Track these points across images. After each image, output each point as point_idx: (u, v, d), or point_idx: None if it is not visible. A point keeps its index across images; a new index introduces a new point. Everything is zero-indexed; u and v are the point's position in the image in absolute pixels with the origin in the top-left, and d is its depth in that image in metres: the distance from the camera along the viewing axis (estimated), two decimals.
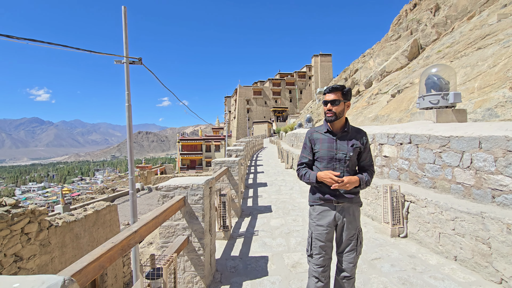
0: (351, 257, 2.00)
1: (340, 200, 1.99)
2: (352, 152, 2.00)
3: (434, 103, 4.93)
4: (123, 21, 5.66)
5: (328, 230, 2.00)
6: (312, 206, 2.12)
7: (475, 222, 2.95)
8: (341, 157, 2.00)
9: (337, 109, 1.99)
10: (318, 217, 2.04)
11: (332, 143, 2.03)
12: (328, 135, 2.06)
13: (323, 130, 2.09)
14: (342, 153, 2.00)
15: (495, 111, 5.65)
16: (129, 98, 5.78)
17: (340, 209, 2.01)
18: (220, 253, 3.64)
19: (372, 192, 4.83)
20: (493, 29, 9.54)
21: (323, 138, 2.07)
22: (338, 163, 2.00)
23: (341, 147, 2.01)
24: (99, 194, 29.07)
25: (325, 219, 2.01)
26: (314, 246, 2.03)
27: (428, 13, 29.76)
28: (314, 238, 2.03)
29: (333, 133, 2.05)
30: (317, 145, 2.07)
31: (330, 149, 2.02)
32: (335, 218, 2.01)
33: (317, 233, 2.02)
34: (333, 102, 1.98)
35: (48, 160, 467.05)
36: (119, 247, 1.62)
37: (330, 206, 2.02)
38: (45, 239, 5.21)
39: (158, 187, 2.77)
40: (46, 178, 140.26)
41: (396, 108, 10.14)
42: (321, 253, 2.00)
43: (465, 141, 3.42)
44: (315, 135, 2.12)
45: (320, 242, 2.00)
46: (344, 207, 2.02)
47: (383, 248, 3.61)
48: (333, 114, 1.99)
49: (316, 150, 2.07)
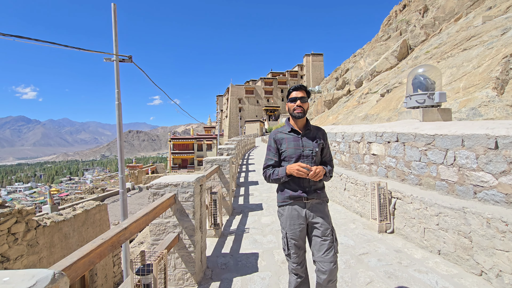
0: (330, 255, 1.94)
1: (310, 196, 2.02)
2: (317, 148, 2.08)
3: (421, 102, 5.06)
4: (113, 18, 5.60)
5: (301, 227, 2.02)
6: (281, 206, 2.11)
7: (457, 217, 3.06)
8: (308, 154, 2.06)
9: (305, 106, 2.08)
10: (289, 216, 2.05)
11: (297, 141, 2.08)
12: (292, 134, 2.11)
13: (287, 130, 2.14)
14: (309, 149, 2.06)
15: (478, 110, 5.83)
16: (119, 96, 5.73)
17: (309, 206, 2.04)
18: (211, 250, 3.66)
19: (360, 189, 4.94)
20: (478, 31, 9.82)
21: (288, 137, 2.11)
22: (306, 160, 2.05)
23: (306, 144, 2.07)
24: (88, 194, 28.59)
25: (296, 217, 2.03)
26: (290, 245, 2.04)
27: (417, 14, 30.31)
28: (289, 238, 2.03)
29: (297, 131, 2.11)
30: (283, 145, 2.10)
31: (296, 147, 2.06)
32: (305, 216, 2.03)
33: (291, 232, 2.03)
34: (302, 99, 2.06)
35: (35, 160, 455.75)
36: (109, 243, 1.63)
37: (300, 204, 2.04)
38: (32, 239, 5.13)
39: (149, 185, 2.78)
40: (33, 178, 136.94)
41: (385, 108, 10.33)
42: (297, 252, 2.03)
43: (449, 139, 3.54)
44: (279, 135, 2.15)
45: (294, 241, 2.02)
46: (313, 203, 2.05)
47: (370, 243, 3.70)
48: (302, 110, 2.05)
49: (282, 149, 2.10)
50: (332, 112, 24.23)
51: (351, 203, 5.27)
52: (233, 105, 73.47)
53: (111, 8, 5.67)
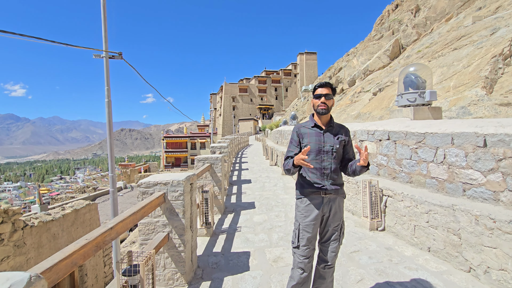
0: (334, 246, 2.10)
1: (328, 191, 2.06)
2: (338, 144, 2.10)
3: (412, 101, 5.10)
4: (102, 13, 5.47)
5: (315, 222, 2.06)
6: (299, 198, 2.17)
7: (447, 214, 3.09)
8: (328, 150, 2.09)
9: (329, 103, 2.11)
10: (306, 208, 2.09)
11: (319, 136, 2.12)
12: (315, 129, 2.15)
13: (310, 125, 2.18)
14: (329, 145, 2.09)
15: (468, 109, 5.91)
16: (109, 94, 5.62)
17: (327, 201, 2.09)
18: (202, 249, 3.63)
19: (352, 187, 4.96)
20: (468, 31, 9.96)
21: (310, 132, 2.15)
22: (326, 155, 2.09)
23: (328, 140, 2.11)
24: (79, 193, 28.14)
25: (313, 211, 2.07)
26: (301, 237, 2.07)
27: (409, 14, 30.60)
28: (302, 229, 2.08)
29: (320, 127, 2.14)
30: (305, 139, 2.14)
31: (318, 142, 2.10)
32: (322, 210, 2.08)
33: (304, 224, 2.07)
34: (327, 96, 2.09)
35: (25, 159, 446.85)
36: (93, 244, 1.58)
37: (318, 198, 2.09)
38: (19, 240, 5.01)
39: (138, 184, 2.73)
40: (23, 177, 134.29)
41: (378, 106, 10.41)
42: (307, 245, 2.06)
43: (439, 137, 3.57)
44: (302, 129, 2.20)
45: (307, 234, 2.06)
46: (331, 198, 2.10)
47: (362, 241, 3.72)
48: (326, 107, 2.09)
49: (304, 144, 2.14)
50: None
51: None
52: (227, 104, 73.21)
53: (100, 3, 5.54)
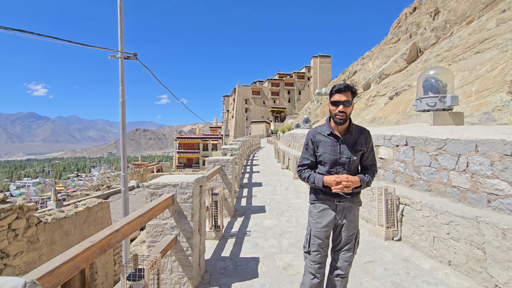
0: (348, 255, 1.99)
1: (341, 199, 1.96)
2: (355, 156, 1.95)
3: (431, 105, 4.88)
4: (119, 16, 5.56)
5: (327, 228, 1.99)
6: (313, 204, 2.09)
7: (470, 226, 2.90)
8: (344, 162, 1.95)
9: (348, 111, 1.88)
10: (318, 214, 2.02)
11: (335, 146, 1.96)
12: (331, 138, 1.98)
13: (326, 132, 2.00)
14: (346, 157, 1.94)
15: (492, 115, 5.62)
16: (123, 94, 5.68)
17: (341, 209, 1.99)
18: (211, 253, 3.56)
19: (367, 194, 4.78)
20: (491, 34, 9.54)
21: (325, 141, 1.99)
22: (341, 167, 1.95)
23: (344, 151, 1.94)
24: (94, 191, 28.82)
25: (326, 217, 1.99)
26: (312, 243, 2.01)
27: (427, 17, 29.85)
28: (313, 235, 2.01)
29: (336, 136, 1.97)
30: (320, 148, 2.00)
31: (333, 153, 1.95)
32: (335, 218, 1.99)
33: (316, 230, 2.00)
34: (346, 103, 1.85)
35: (44, 156, 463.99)
36: (97, 246, 1.53)
37: (332, 205, 1.99)
38: (33, 236, 5.10)
39: (147, 185, 2.69)
40: (42, 174, 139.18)
41: (394, 111, 10.11)
42: (318, 250, 2.00)
43: (462, 144, 3.37)
44: (317, 137, 2.03)
45: (318, 240, 1.99)
46: (345, 206, 1.99)
47: (376, 251, 3.55)
48: (345, 116, 1.88)
49: (319, 153, 2.01)
50: None
51: None
52: (240, 106, 73.50)
53: (117, 6, 5.63)
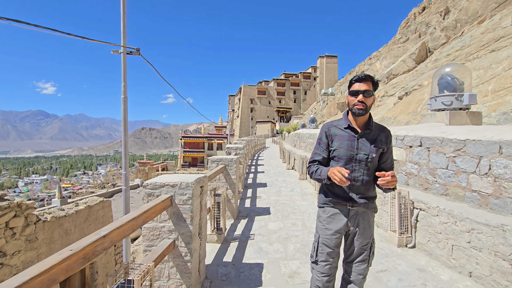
0: (362, 268, 1.79)
1: (355, 204, 1.76)
2: (375, 153, 1.75)
3: (447, 104, 4.62)
4: (122, 9, 5.40)
5: (337, 235, 1.80)
6: (322, 207, 1.90)
7: (494, 235, 2.65)
8: (362, 158, 1.75)
9: (369, 102, 1.71)
10: (328, 220, 1.82)
11: (353, 141, 1.77)
12: (349, 132, 1.79)
13: (343, 125, 1.81)
14: (364, 153, 1.74)
15: (511, 115, 5.32)
16: (125, 90, 5.52)
17: (353, 214, 1.79)
18: (212, 258, 3.36)
19: (378, 197, 4.53)
20: (507, 32, 9.17)
21: (342, 134, 1.80)
22: (358, 165, 1.76)
23: (363, 146, 1.75)
24: (99, 188, 28.95)
25: (336, 223, 1.80)
26: (320, 252, 1.82)
27: (437, 16, 29.25)
28: (321, 243, 1.82)
29: (355, 130, 1.78)
30: (335, 142, 1.81)
31: (350, 148, 1.76)
32: (347, 224, 1.79)
33: (325, 237, 1.80)
34: (366, 93, 1.69)
35: (52, 153, 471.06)
36: (79, 255, 1.34)
37: (344, 209, 1.80)
38: (31, 235, 4.97)
39: (144, 184, 2.51)
40: (49, 171, 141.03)
41: (404, 111, 9.80)
42: (327, 261, 1.80)
43: (483, 146, 3.12)
44: (333, 130, 1.84)
45: (327, 248, 1.79)
46: (359, 212, 1.79)
47: (389, 259, 3.31)
48: (364, 107, 1.70)
49: (333, 147, 1.81)
50: None
51: None
52: (245, 105, 73.33)
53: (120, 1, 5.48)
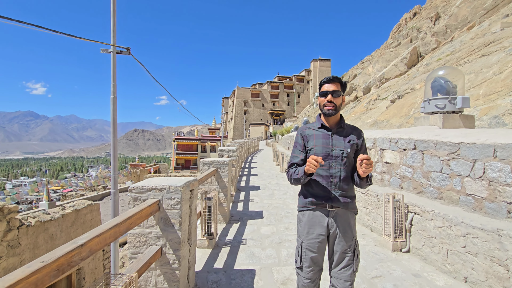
0: (348, 274, 1.76)
1: (335, 204, 1.79)
2: (349, 148, 1.82)
3: (441, 107, 4.61)
4: (112, 7, 5.27)
5: (320, 239, 1.80)
6: (301, 211, 1.91)
7: (490, 240, 2.60)
8: (337, 154, 1.82)
9: (338, 102, 1.82)
10: (309, 223, 1.84)
11: (327, 138, 1.85)
12: (322, 131, 1.89)
13: (317, 126, 1.92)
14: (339, 149, 1.82)
15: (502, 119, 5.36)
16: (115, 90, 5.38)
17: (334, 215, 1.81)
18: (202, 264, 3.24)
19: (372, 200, 4.48)
20: (497, 37, 9.33)
21: (316, 134, 1.89)
22: (334, 161, 1.82)
23: (337, 143, 1.84)
24: (90, 191, 28.39)
25: (317, 226, 1.81)
26: (304, 257, 1.82)
27: (428, 21, 29.79)
28: (305, 248, 1.82)
29: (328, 128, 1.88)
30: (310, 142, 1.88)
31: (325, 145, 1.83)
32: (328, 226, 1.80)
33: (308, 242, 1.81)
34: (335, 93, 1.80)
35: (41, 155, 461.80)
36: (52, 267, 1.23)
37: (323, 211, 1.82)
38: (14, 240, 4.76)
39: (130, 188, 2.38)
40: (38, 173, 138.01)
41: (396, 114, 9.85)
42: (311, 266, 1.81)
43: (478, 149, 3.09)
44: (307, 131, 1.93)
45: (311, 253, 1.80)
46: (339, 213, 1.81)
47: (384, 264, 3.24)
48: (334, 107, 1.81)
49: (309, 147, 1.88)
50: None
51: (360, 215, 4.81)
52: (239, 108, 73.23)
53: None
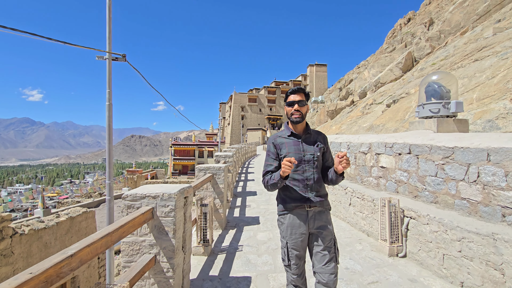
0: (331, 267, 1.88)
1: (312, 204, 1.94)
2: (318, 152, 2.00)
3: (435, 112, 4.65)
4: (107, 14, 5.29)
5: (303, 237, 1.95)
6: (282, 215, 2.05)
7: (485, 244, 2.61)
8: (309, 158, 1.98)
9: (303, 110, 1.99)
10: (291, 225, 1.96)
11: (298, 145, 2.00)
12: (292, 138, 2.03)
13: (287, 133, 2.06)
14: (310, 154, 1.99)
15: (496, 122, 5.41)
16: (110, 97, 5.37)
17: (312, 215, 1.96)
18: (198, 271, 3.20)
19: (368, 205, 4.48)
20: (489, 42, 9.48)
21: (288, 141, 2.03)
22: (307, 165, 1.98)
23: (307, 148, 2.00)
24: (86, 197, 28.13)
25: (299, 227, 1.95)
26: (291, 256, 1.95)
27: (422, 27, 30.23)
28: (290, 248, 1.95)
29: (297, 135, 2.04)
30: (283, 150, 2.02)
31: (297, 151, 1.98)
32: (308, 225, 1.95)
33: (292, 242, 1.94)
34: (300, 103, 1.97)
35: (38, 162, 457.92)
36: (40, 279, 1.20)
37: (303, 211, 1.97)
38: (7, 249, 4.69)
39: (123, 196, 2.36)
40: (34, 180, 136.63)
41: (392, 118, 9.92)
42: (297, 262, 1.95)
43: (472, 153, 3.11)
44: (279, 140, 2.07)
45: (295, 251, 1.94)
46: (316, 211, 1.97)
47: (380, 269, 3.23)
48: (301, 115, 1.97)
49: (282, 154, 2.01)
50: (335, 122, 23.86)
51: (357, 220, 4.80)
52: (236, 113, 73.36)
53: (106, 4, 5.38)
